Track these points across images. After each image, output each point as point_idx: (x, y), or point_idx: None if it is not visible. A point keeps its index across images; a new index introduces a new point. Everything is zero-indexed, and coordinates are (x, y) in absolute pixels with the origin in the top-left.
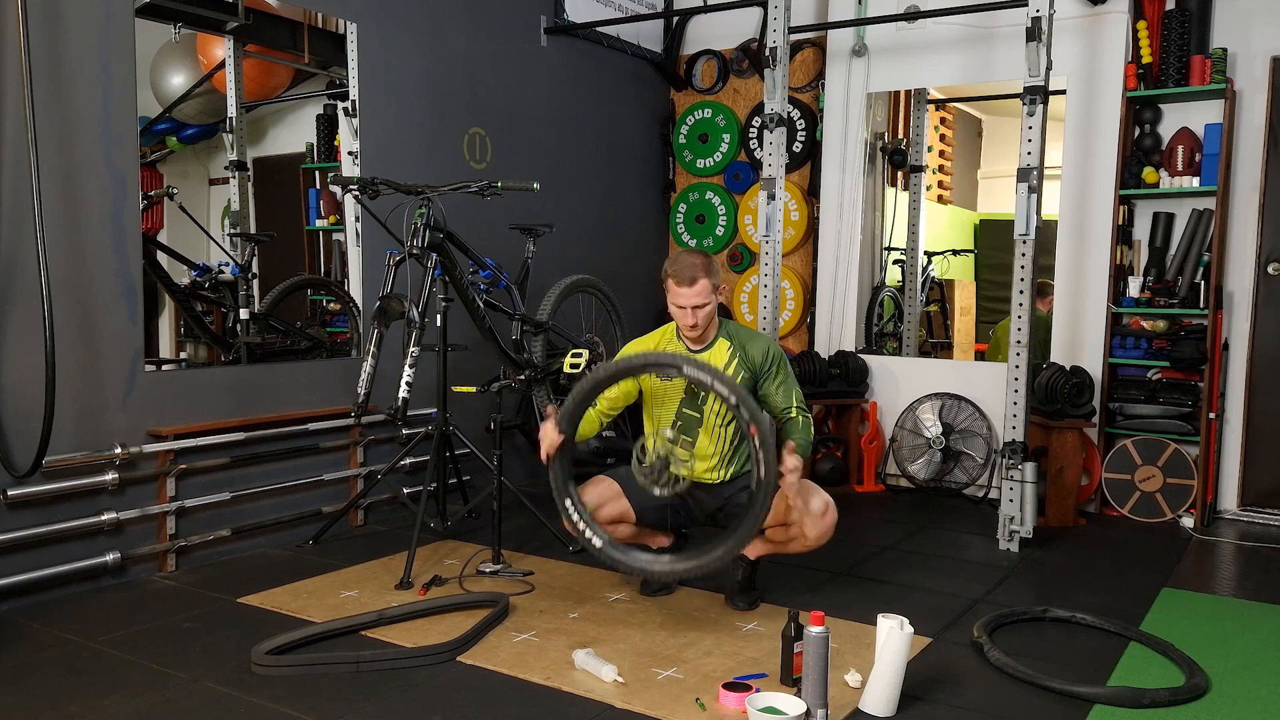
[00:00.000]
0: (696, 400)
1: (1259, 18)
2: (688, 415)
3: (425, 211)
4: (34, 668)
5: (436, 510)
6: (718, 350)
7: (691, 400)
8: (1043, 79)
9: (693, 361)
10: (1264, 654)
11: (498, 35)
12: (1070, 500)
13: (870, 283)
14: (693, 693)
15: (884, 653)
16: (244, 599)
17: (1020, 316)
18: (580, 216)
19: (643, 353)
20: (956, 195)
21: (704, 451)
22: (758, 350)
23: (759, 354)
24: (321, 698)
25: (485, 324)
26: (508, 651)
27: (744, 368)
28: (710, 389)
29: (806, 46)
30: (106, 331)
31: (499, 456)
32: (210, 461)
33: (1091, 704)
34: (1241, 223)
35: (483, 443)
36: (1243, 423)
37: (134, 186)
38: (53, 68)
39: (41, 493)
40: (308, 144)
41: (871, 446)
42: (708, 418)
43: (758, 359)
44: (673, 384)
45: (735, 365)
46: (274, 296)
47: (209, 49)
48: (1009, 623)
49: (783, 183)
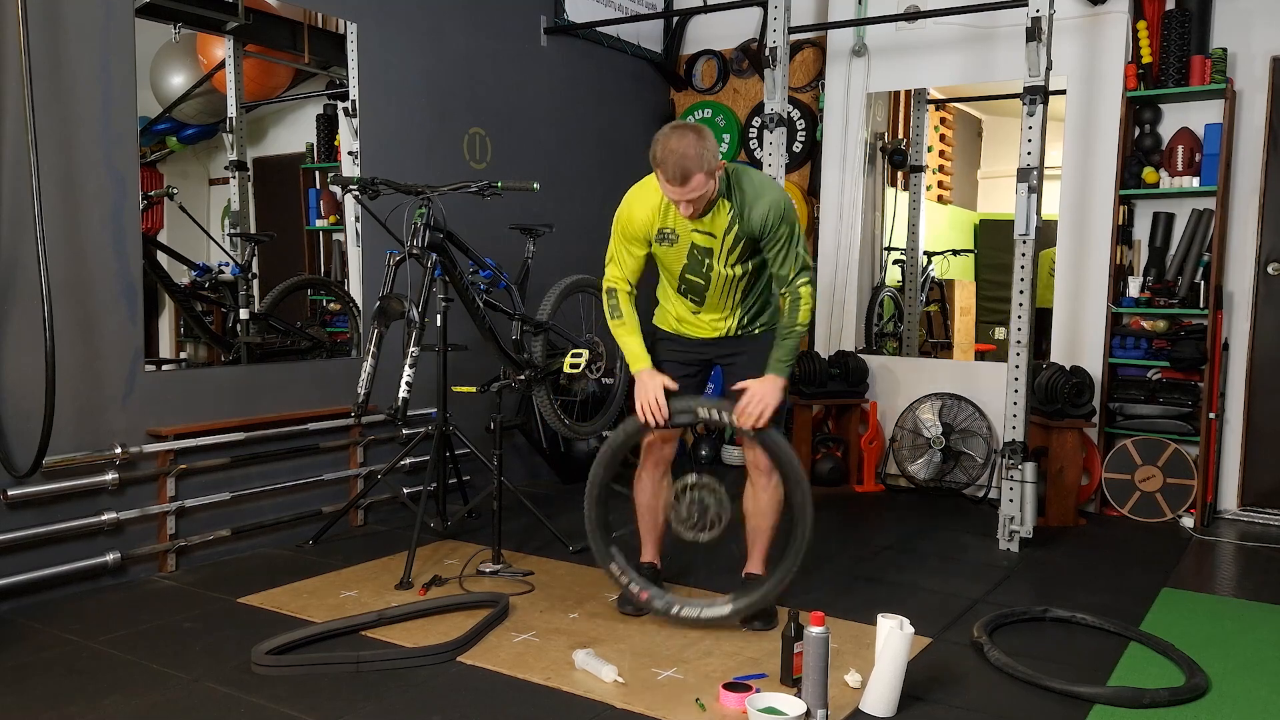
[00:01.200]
0: (702, 268)
1: (1259, 18)
2: (692, 280)
3: (425, 211)
4: (34, 668)
5: (436, 510)
6: (719, 216)
7: (696, 267)
8: (1043, 79)
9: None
10: (1264, 654)
11: (498, 35)
12: (1070, 500)
13: (870, 283)
14: (693, 693)
15: (884, 653)
16: (244, 599)
17: (1020, 317)
18: (580, 216)
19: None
20: (956, 195)
21: (711, 309)
22: (758, 215)
23: (758, 220)
24: (321, 698)
25: (485, 324)
26: (508, 651)
27: (744, 233)
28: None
29: (806, 46)
30: (106, 331)
31: (499, 456)
32: (210, 461)
33: (1091, 704)
34: (1241, 223)
35: (483, 443)
36: (1243, 423)
37: (134, 186)
38: (53, 68)
39: (41, 493)
40: (308, 144)
41: (871, 446)
42: (714, 284)
43: (756, 225)
44: (676, 248)
45: (736, 233)
46: (274, 296)
47: (209, 49)
48: (1009, 623)
49: (783, 183)
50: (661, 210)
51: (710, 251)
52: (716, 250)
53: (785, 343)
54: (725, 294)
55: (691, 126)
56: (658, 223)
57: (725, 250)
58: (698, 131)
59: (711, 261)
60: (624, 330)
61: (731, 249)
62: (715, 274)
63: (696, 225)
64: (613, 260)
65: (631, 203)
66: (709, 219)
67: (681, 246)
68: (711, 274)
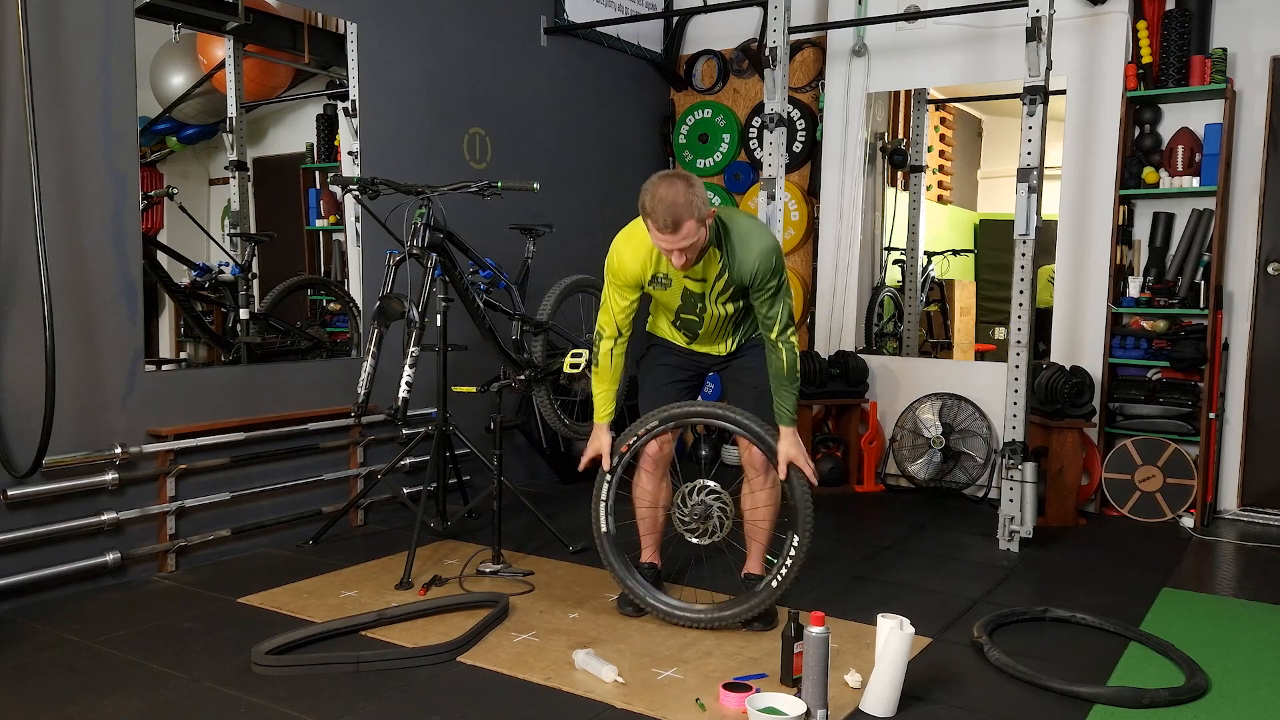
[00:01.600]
0: (695, 309)
1: (1259, 18)
2: (687, 320)
3: (425, 211)
4: (34, 668)
5: (436, 510)
6: (710, 265)
7: (690, 306)
8: (1043, 79)
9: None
10: (1264, 654)
11: (498, 35)
12: (1070, 500)
13: (870, 283)
14: (693, 693)
15: (884, 653)
16: (244, 599)
17: (1020, 317)
18: (580, 216)
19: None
20: (956, 195)
21: (705, 342)
22: (746, 266)
23: (747, 271)
24: (321, 698)
25: (486, 324)
26: (508, 651)
27: (733, 282)
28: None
29: (806, 46)
30: (106, 331)
31: (499, 456)
32: (210, 461)
33: (1091, 704)
34: (1241, 223)
35: (483, 443)
36: (1243, 423)
37: (134, 186)
38: (53, 68)
39: (41, 493)
40: (308, 144)
41: (871, 446)
42: (708, 323)
43: (746, 275)
44: (669, 291)
45: (726, 280)
46: (274, 296)
47: (209, 49)
48: (1009, 623)
49: (783, 183)
50: (654, 259)
51: (703, 295)
52: (708, 293)
53: (786, 395)
54: (719, 328)
55: (680, 174)
56: (651, 269)
57: (716, 294)
58: (686, 179)
59: (705, 304)
60: (597, 379)
61: (722, 292)
62: (709, 314)
63: (689, 272)
64: (604, 307)
65: (621, 251)
66: (700, 266)
67: (675, 290)
68: (705, 314)
